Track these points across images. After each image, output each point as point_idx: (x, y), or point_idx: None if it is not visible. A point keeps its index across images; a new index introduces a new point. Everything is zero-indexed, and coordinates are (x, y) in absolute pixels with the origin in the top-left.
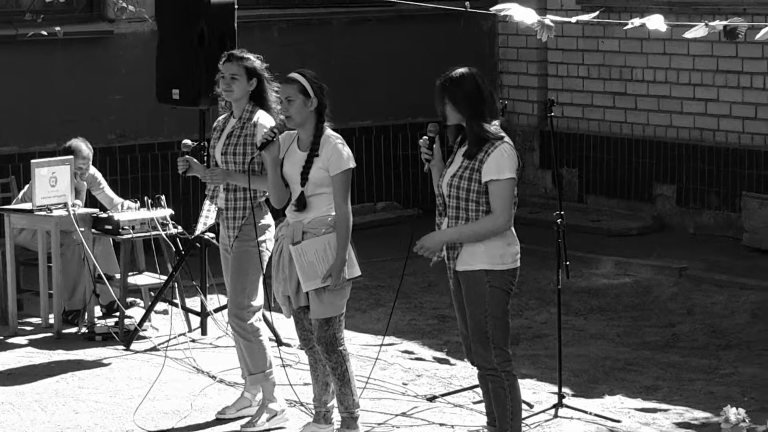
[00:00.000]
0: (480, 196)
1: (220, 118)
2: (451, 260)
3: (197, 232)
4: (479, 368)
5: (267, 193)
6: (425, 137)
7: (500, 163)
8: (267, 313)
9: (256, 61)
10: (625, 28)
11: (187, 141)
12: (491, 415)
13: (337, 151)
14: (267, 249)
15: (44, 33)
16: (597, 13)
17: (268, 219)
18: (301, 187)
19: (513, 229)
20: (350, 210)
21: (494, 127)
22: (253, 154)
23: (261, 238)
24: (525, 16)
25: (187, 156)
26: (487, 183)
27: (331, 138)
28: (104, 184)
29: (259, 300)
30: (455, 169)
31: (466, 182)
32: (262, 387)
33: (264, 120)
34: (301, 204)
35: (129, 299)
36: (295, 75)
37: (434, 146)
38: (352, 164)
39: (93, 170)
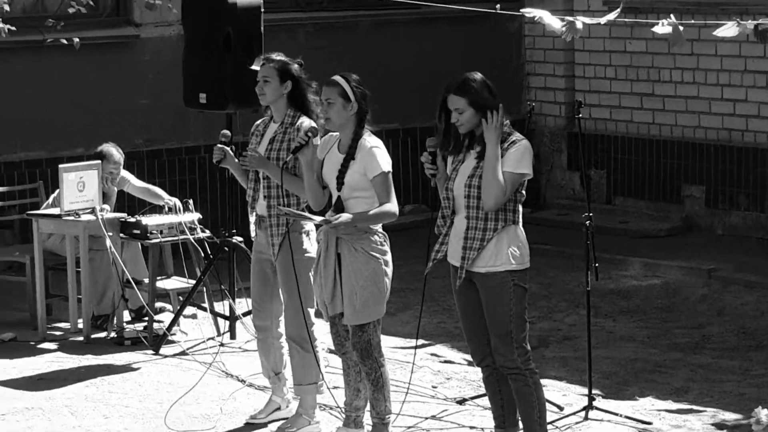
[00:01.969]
0: None
1: (259, 122)
2: (467, 260)
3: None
4: (491, 371)
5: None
6: (426, 153)
7: (520, 159)
8: None
9: (291, 63)
10: (653, 29)
11: (227, 131)
12: (500, 418)
13: (372, 155)
14: (311, 256)
15: (64, 41)
16: (618, 11)
17: (309, 225)
18: (338, 191)
19: (522, 229)
20: (396, 207)
21: (507, 126)
22: (286, 158)
23: (305, 246)
24: (553, 20)
25: (223, 146)
26: (503, 174)
27: (368, 142)
28: (132, 178)
29: (313, 311)
30: (470, 169)
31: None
32: (304, 398)
33: (306, 124)
34: (338, 208)
35: (158, 305)
36: (337, 78)
37: (437, 160)
38: (387, 167)
39: (122, 172)
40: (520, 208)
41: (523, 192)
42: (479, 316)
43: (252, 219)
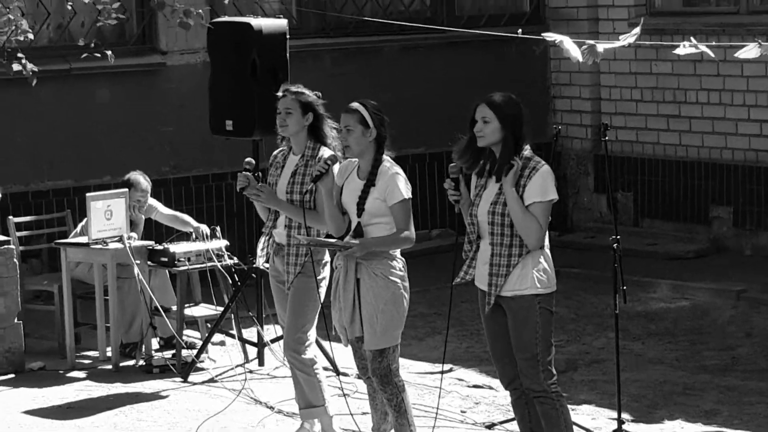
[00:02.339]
0: None
1: (277, 152)
2: (495, 287)
3: (258, 264)
4: (519, 393)
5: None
6: (449, 179)
7: (544, 186)
8: (325, 343)
9: (311, 95)
10: (675, 51)
11: (251, 159)
12: None
13: (393, 182)
14: (325, 286)
15: (97, 54)
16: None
17: (326, 255)
18: (358, 218)
19: (549, 252)
20: (413, 234)
21: (527, 150)
22: (307, 186)
23: (321, 276)
24: (572, 46)
25: (247, 173)
26: (529, 206)
27: (388, 169)
28: (160, 206)
29: (313, 333)
30: (492, 196)
31: (508, 209)
32: (320, 420)
33: (325, 153)
34: (358, 234)
35: (187, 338)
36: (355, 105)
37: (460, 186)
38: (408, 194)
39: (149, 200)
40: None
41: (549, 216)
42: (507, 339)
43: (261, 243)
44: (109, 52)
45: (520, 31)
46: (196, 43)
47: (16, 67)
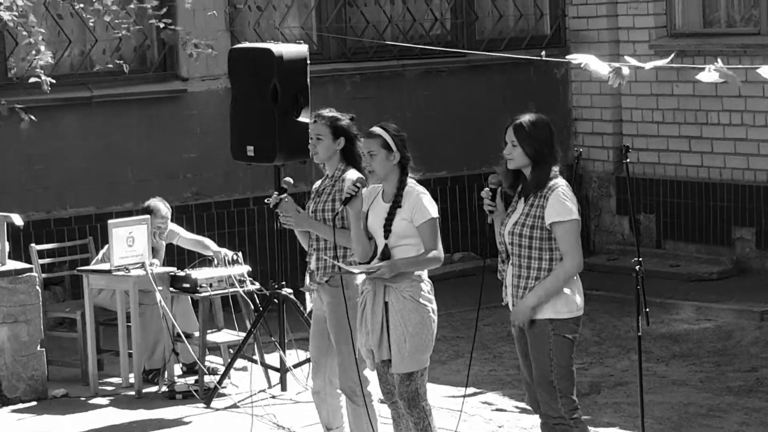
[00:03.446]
0: (543, 243)
1: (318, 181)
2: (515, 307)
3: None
4: (545, 417)
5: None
6: (487, 188)
7: (561, 204)
8: None
9: (343, 119)
10: (698, 77)
11: (289, 179)
12: None
13: (420, 202)
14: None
15: (110, 66)
16: (671, 57)
17: (359, 278)
18: (385, 239)
19: (578, 277)
20: (442, 254)
21: (553, 172)
22: (337, 209)
23: (359, 299)
24: (599, 66)
25: (283, 194)
26: (551, 226)
27: (414, 189)
28: (182, 231)
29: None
30: (517, 216)
31: (528, 230)
32: None
33: (351, 174)
34: (386, 256)
35: (210, 365)
36: (377, 129)
37: (497, 197)
38: (435, 213)
39: (171, 225)
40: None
41: (577, 235)
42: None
43: (307, 282)
44: (125, 65)
45: (543, 53)
46: (216, 69)
47: (33, 79)
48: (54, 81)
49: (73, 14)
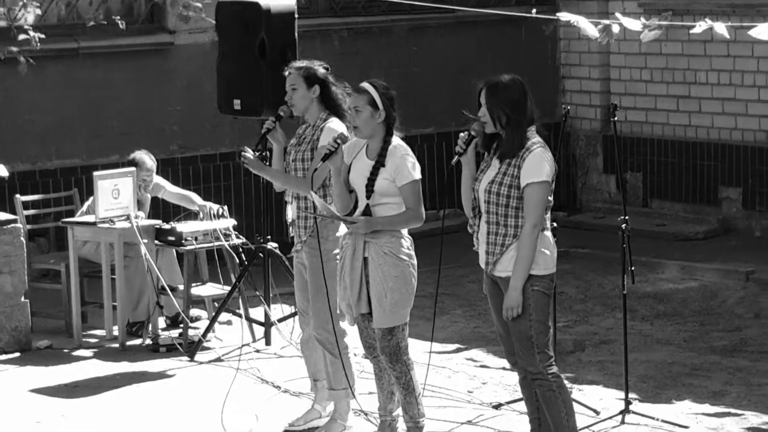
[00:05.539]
0: (519, 202)
1: (299, 129)
2: (490, 265)
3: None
4: (524, 372)
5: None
6: (466, 132)
7: (535, 166)
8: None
9: (317, 68)
10: (692, 31)
11: (286, 108)
12: (535, 421)
13: (403, 163)
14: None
15: (104, 22)
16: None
17: (340, 231)
18: (366, 198)
19: (550, 233)
20: (423, 214)
21: (530, 132)
22: (317, 164)
23: (336, 251)
24: (589, 26)
25: (276, 123)
26: (524, 188)
27: (397, 149)
28: (168, 184)
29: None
30: (492, 175)
31: (505, 188)
32: (337, 404)
33: (334, 125)
34: (366, 214)
35: (194, 313)
36: (365, 85)
37: (470, 144)
38: (418, 175)
39: (156, 178)
40: (548, 214)
41: (550, 198)
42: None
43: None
44: (120, 21)
45: (534, 11)
46: (204, 22)
47: (22, 36)
48: (43, 36)
49: None
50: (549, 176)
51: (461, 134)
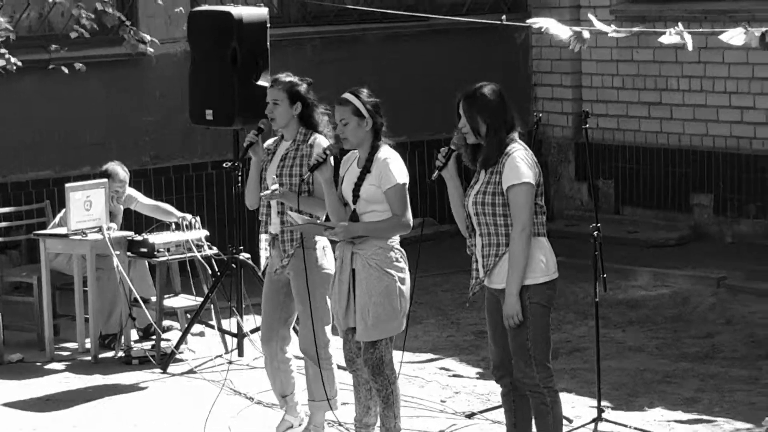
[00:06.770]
0: (507, 209)
1: (270, 141)
2: (486, 277)
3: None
4: (519, 383)
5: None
6: (446, 147)
7: (514, 168)
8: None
9: (300, 84)
10: (660, 39)
11: (266, 120)
12: None
13: (386, 167)
14: (327, 272)
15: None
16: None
17: (325, 241)
18: (353, 204)
19: (547, 239)
20: (409, 220)
21: (510, 137)
22: (303, 175)
23: (320, 262)
24: (559, 30)
25: (258, 136)
26: (507, 191)
27: (383, 154)
28: (140, 196)
29: (329, 327)
30: (479, 186)
31: (490, 197)
32: (314, 413)
33: (322, 141)
34: (354, 221)
35: (166, 323)
36: (347, 96)
37: (451, 157)
38: (403, 179)
39: (129, 190)
40: (541, 219)
41: (542, 203)
42: (504, 333)
43: (263, 243)
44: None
45: (504, 18)
46: (176, 32)
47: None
48: (20, 64)
49: None
50: (530, 177)
51: (441, 149)
